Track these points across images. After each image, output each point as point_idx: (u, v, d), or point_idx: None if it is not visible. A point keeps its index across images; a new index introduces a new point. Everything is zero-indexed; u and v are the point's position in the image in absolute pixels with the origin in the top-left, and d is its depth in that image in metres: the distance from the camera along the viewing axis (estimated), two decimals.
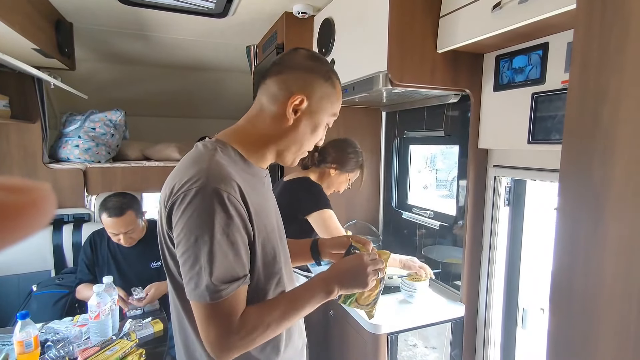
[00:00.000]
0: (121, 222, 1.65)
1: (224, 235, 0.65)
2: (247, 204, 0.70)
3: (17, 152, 2.14)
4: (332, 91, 0.80)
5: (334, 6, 1.66)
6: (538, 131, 1.13)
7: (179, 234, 0.67)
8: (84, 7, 1.80)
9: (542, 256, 1.37)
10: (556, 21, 1.01)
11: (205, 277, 0.65)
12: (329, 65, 0.82)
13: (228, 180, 0.67)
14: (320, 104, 0.78)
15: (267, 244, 0.76)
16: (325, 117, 0.80)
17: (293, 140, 0.79)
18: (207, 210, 0.64)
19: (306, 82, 0.76)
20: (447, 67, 1.34)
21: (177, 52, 2.47)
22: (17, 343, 1.25)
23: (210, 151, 0.73)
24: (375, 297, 0.91)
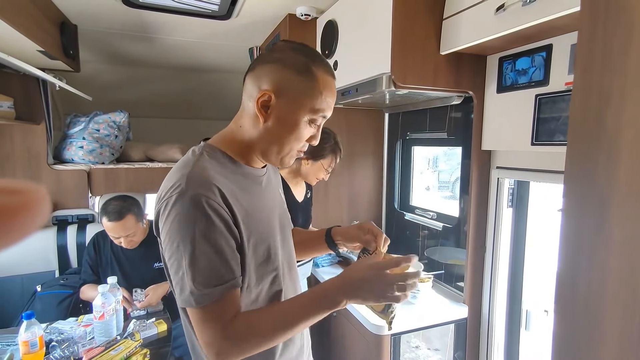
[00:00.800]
0: (121, 226, 1.66)
1: (205, 240, 0.64)
2: (231, 207, 0.68)
3: (21, 153, 2.15)
4: (311, 85, 0.71)
5: (337, 8, 1.66)
6: (541, 133, 1.13)
7: (164, 240, 0.68)
8: (88, 9, 1.81)
9: (546, 258, 1.37)
10: (560, 23, 1.01)
11: (188, 282, 0.64)
12: (313, 56, 0.73)
13: (207, 184, 0.66)
14: (294, 99, 0.71)
15: (259, 245, 0.74)
16: (304, 114, 0.72)
17: (270, 141, 0.74)
18: (186, 216, 0.64)
19: (276, 76, 0.70)
20: (450, 69, 1.35)
21: (180, 54, 2.48)
22: (22, 343, 1.26)
23: (196, 156, 0.73)
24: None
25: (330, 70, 0.75)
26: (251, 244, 0.73)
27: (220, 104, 3.09)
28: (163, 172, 2.54)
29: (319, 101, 0.72)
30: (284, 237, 0.85)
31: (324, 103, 0.73)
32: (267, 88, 0.70)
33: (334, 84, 0.76)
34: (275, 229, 0.81)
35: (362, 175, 2.16)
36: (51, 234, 2.11)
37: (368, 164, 2.18)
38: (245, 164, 0.77)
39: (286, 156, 0.76)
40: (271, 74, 0.71)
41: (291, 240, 0.90)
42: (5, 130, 2.10)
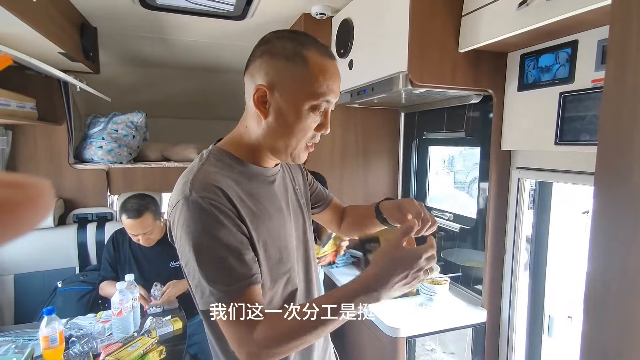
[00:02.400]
0: (139, 224, 1.69)
1: (214, 240, 0.64)
2: (237, 207, 0.67)
3: (43, 153, 2.21)
4: (303, 69, 0.67)
5: (352, 7, 1.65)
6: (566, 132, 1.09)
7: (178, 248, 0.68)
8: (108, 12, 1.85)
9: (570, 262, 1.33)
10: (586, 18, 0.97)
11: (206, 284, 0.64)
12: (302, 40, 0.69)
13: (209, 187, 0.66)
14: (289, 88, 0.68)
15: (270, 247, 0.73)
16: (303, 102, 0.68)
17: (275, 136, 0.71)
18: (193, 219, 0.64)
19: (266, 69, 0.68)
20: (468, 67, 1.32)
21: (195, 54, 2.51)
22: (42, 338, 1.29)
23: (202, 161, 0.73)
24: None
25: (325, 51, 0.70)
26: (261, 245, 0.71)
27: (235, 103, 3.10)
28: (179, 171, 2.54)
29: (316, 85, 0.68)
30: (301, 235, 0.84)
31: (323, 86, 0.68)
32: (260, 83, 0.68)
33: (332, 65, 0.70)
34: (287, 229, 0.79)
35: (377, 175, 2.14)
36: (72, 231, 2.17)
37: (383, 164, 2.15)
38: (254, 164, 0.76)
39: (295, 150, 0.73)
40: (261, 67, 0.69)
41: (311, 239, 0.88)
42: (29, 131, 2.16)
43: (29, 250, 2.04)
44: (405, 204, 0.83)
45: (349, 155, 2.04)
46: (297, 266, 0.80)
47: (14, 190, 0.17)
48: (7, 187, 0.17)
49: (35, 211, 0.18)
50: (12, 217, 0.17)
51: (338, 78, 0.71)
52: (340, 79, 0.72)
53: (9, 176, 0.18)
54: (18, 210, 0.17)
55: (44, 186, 0.19)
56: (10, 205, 0.17)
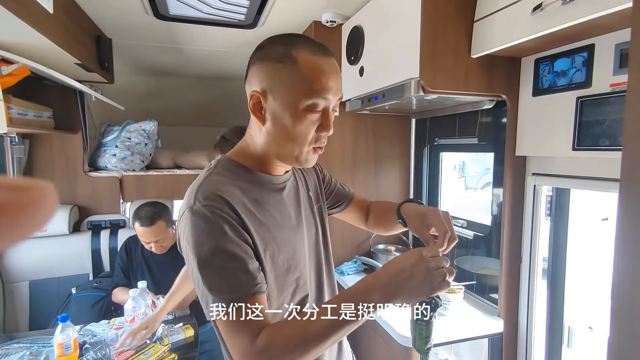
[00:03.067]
0: (152, 232, 1.70)
1: (216, 250, 0.63)
2: (240, 216, 0.67)
3: (59, 160, 2.26)
4: (293, 69, 0.66)
5: (363, 14, 1.65)
6: (584, 137, 1.07)
7: (185, 257, 0.68)
8: (123, 23, 1.89)
9: (590, 270, 1.29)
10: (602, 22, 0.96)
11: (209, 294, 0.63)
12: (292, 41, 0.68)
13: (212, 196, 0.66)
14: (281, 91, 0.67)
15: (277, 256, 0.72)
16: (297, 103, 0.66)
17: (276, 142, 0.70)
18: (195, 229, 0.64)
19: (259, 73, 0.68)
20: (481, 72, 1.30)
21: (207, 63, 2.54)
22: (57, 345, 1.30)
23: (210, 170, 0.73)
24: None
25: (318, 49, 0.68)
26: (268, 255, 0.70)
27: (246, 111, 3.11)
28: (190, 178, 2.58)
29: (308, 84, 0.66)
30: (313, 241, 0.82)
31: (316, 84, 0.66)
32: (254, 89, 0.68)
33: (326, 62, 0.68)
34: (297, 236, 0.78)
35: (388, 182, 2.13)
36: (86, 238, 2.20)
37: (394, 171, 2.14)
38: (262, 172, 0.75)
39: (302, 155, 0.71)
40: (254, 74, 0.69)
41: (325, 245, 0.87)
42: (45, 139, 2.21)
43: (44, 257, 2.08)
44: (429, 216, 0.78)
45: (360, 162, 2.04)
46: (308, 273, 0.79)
47: (17, 193, 0.17)
48: (10, 189, 0.17)
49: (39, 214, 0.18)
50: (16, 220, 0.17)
51: (334, 75, 0.69)
52: (340, 77, 0.70)
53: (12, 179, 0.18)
54: (21, 212, 0.17)
55: (47, 189, 0.19)
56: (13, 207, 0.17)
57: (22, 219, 0.17)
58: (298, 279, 0.76)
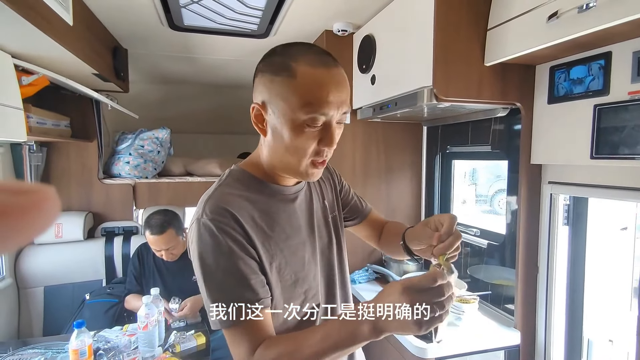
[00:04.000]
0: (162, 240, 1.72)
1: (220, 264, 0.65)
2: (246, 229, 0.68)
3: (75, 168, 2.30)
4: (291, 82, 0.63)
5: (374, 23, 1.67)
6: (603, 145, 1.05)
7: (193, 265, 0.69)
8: (138, 34, 1.94)
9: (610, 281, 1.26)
10: (620, 30, 0.95)
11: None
12: (293, 52, 0.66)
13: (219, 209, 0.67)
14: (279, 104, 0.65)
15: (284, 268, 0.72)
16: (295, 117, 0.64)
17: (278, 155, 0.70)
18: (201, 242, 0.66)
19: (260, 86, 0.67)
20: (495, 80, 1.30)
21: (219, 71, 2.58)
22: (72, 351, 1.31)
23: (220, 181, 0.75)
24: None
25: (319, 60, 0.64)
26: (274, 267, 0.71)
27: None
28: (202, 186, 2.63)
29: (306, 98, 0.63)
30: (324, 255, 0.81)
31: (313, 98, 0.63)
32: (255, 101, 0.69)
33: (327, 75, 0.64)
34: (307, 248, 0.77)
35: (399, 189, 2.11)
36: (100, 244, 2.23)
37: (406, 179, 2.12)
38: (273, 183, 0.75)
39: (301, 168, 0.69)
40: (256, 86, 0.69)
41: (338, 255, 0.85)
42: (62, 147, 2.26)
43: (59, 263, 2.11)
44: (433, 218, 0.74)
45: (371, 170, 2.03)
46: (319, 285, 0.78)
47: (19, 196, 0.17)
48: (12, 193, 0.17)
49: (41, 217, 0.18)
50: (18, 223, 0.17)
51: (336, 88, 0.64)
52: (345, 88, 0.66)
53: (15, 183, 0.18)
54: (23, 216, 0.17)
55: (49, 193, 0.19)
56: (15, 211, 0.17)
57: (24, 223, 0.17)
58: (307, 291, 0.76)
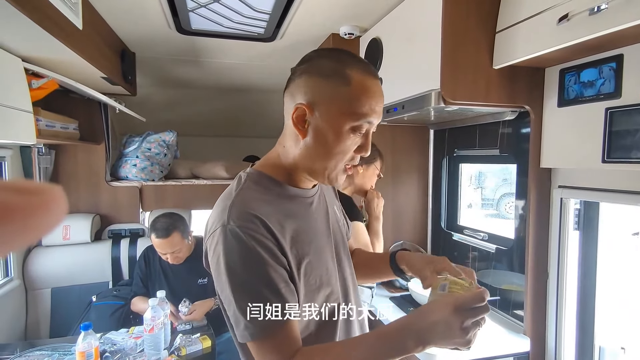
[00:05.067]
0: (167, 243, 1.72)
1: (252, 274, 0.63)
2: (276, 235, 0.65)
3: (83, 170, 2.32)
4: (345, 88, 0.65)
5: (381, 26, 1.66)
6: (615, 149, 1.03)
7: (213, 275, 0.67)
8: (146, 38, 1.95)
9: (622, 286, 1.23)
10: (631, 32, 0.93)
11: (241, 317, 0.62)
12: (345, 58, 0.67)
13: (248, 216, 0.64)
14: (329, 108, 0.66)
15: (310, 272, 0.70)
16: (343, 122, 0.66)
17: (313, 157, 0.69)
18: (230, 250, 0.63)
19: (307, 87, 0.67)
20: (503, 83, 1.28)
21: (225, 75, 2.59)
22: (79, 353, 1.31)
23: (240, 185, 0.71)
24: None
25: (369, 70, 0.68)
26: (302, 271, 0.69)
27: (263, 122, 3.17)
28: (208, 189, 2.64)
29: (358, 105, 0.65)
30: (340, 259, 0.81)
31: (365, 107, 0.66)
32: (300, 101, 0.67)
33: (376, 85, 0.68)
34: (328, 251, 0.77)
35: (406, 193, 2.10)
36: (107, 246, 2.24)
37: (412, 182, 2.11)
38: (292, 185, 0.74)
39: (333, 172, 0.70)
40: (301, 86, 0.67)
41: (348, 259, 0.85)
42: (71, 150, 2.29)
43: (66, 265, 2.12)
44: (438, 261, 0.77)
45: None
46: (338, 288, 0.78)
47: (27, 196, 0.18)
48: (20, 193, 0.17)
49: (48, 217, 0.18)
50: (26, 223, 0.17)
51: (381, 98, 0.69)
52: (384, 99, 0.70)
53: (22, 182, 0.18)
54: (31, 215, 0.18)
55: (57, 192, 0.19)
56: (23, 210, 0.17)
57: (32, 222, 0.18)
58: (329, 296, 0.74)
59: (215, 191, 2.61)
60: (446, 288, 0.70)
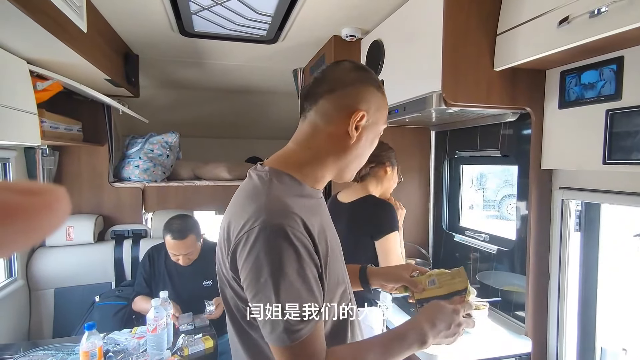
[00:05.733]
0: (183, 245, 1.74)
1: (294, 273, 0.62)
2: (312, 235, 0.66)
3: (87, 171, 2.34)
4: (383, 99, 0.78)
5: (383, 28, 1.67)
6: (615, 151, 1.04)
7: (247, 277, 0.64)
8: (149, 40, 1.97)
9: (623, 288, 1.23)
10: (632, 34, 0.94)
11: (280, 320, 0.61)
12: (374, 73, 0.80)
13: (290, 214, 0.64)
14: (376, 115, 0.76)
15: (332, 270, 0.72)
16: (381, 127, 0.79)
17: (355, 156, 0.77)
18: (274, 249, 0.61)
19: (363, 96, 0.73)
20: (504, 85, 1.29)
21: (227, 77, 2.61)
22: (82, 353, 1.32)
23: (266, 183, 0.70)
24: None
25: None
26: (328, 268, 0.71)
27: (263, 123, 3.19)
28: (210, 189, 2.65)
29: (385, 114, 0.79)
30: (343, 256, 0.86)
31: (386, 115, 0.80)
32: (362, 108, 0.73)
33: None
34: (339, 251, 0.80)
35: (407, 195, 2.11)
36: (109, 247, 2.25)
37: (414, 184, 2.12)
38: (309, 185, 0.75)
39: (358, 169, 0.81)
40: (356, 93, 0.73)
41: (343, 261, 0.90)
42: (74, 151, 2.30)
43: (70, 265, 2.14)
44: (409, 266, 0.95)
45: None
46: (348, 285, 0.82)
47: (31, 197, 0.18)
48: (24, 193, 0.18)
49: (52, 217, 0.18)
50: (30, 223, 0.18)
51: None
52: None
53: (26, 183, 0.18)
54: (35, 216, 0.18)
55: (60, 193, 0.19)
56: (27, 211, 0.17)
57: (36, 222, 0.18)
58: (343, 292, 0.77)
59: (217, 192, 2.64)
60: (436, 281, 0.87)
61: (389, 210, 1.44)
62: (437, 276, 0.87)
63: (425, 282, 0.87)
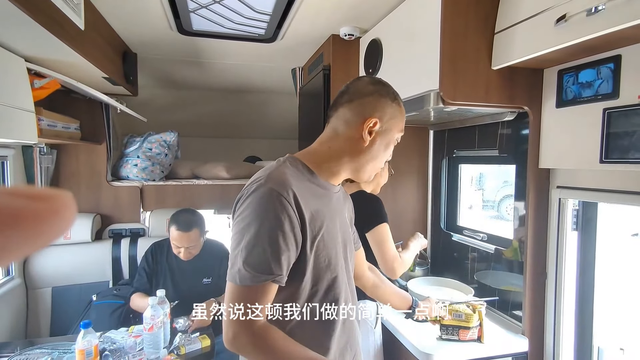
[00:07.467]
0: (187, 237, 1.75)
1: (268, 231, 0.72)
2: (301, 209, 0.76)
3: (85, 170, 2.33)
4: (399, 110, 0.88)
5: (381, 27, 1.67)
6: (612, 150, 1.04)
7: (235, 219, 0.77)
8: (148, 39, 1.97)
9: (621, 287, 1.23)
10: (629, 33, 0.94)
11: (240, 260, 0.72)
12: (392, 87, 0.89)
13: (284, 185, 0.75)
14: (389, 123, 0.86)
15: (321, 251, 0.81)
16: (395, 135, 0.88)
17: (369, 158, 0.86)
18: (260, 204, 0.73)
19: (377, 105, 0.84)
20: (502, 84, 1.29)
21: (226, 76, 2.61)
22: (78, 351, 1.31)
23: (280, 162, 0.83)
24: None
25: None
26: (315, 245, 0.79)
27: (262, 123, 3.18)
28: (208, 189, 2.65)
29: (403, 122, 0.89)
30: (346, 256, 0.91)
31: (403, 124, 0.90)
32: (376, 116, 0.83)
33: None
34: (338, 242, 0.87)
35: (405, 194, 2.11)
36: (107, 246, 2.24)
37: (412, 183, 2.12)
38: (323, 178, 0.85)
39: (375, 171, 0.90)
40: (373, 103, 0.84)
41: (352, 266, 0.96)
42: (72, 150, 2.29)
43: (67, 264, 2.13)
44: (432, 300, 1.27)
45: None
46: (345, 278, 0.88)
47: (38, 202, 0.18)
48: (30, 199, 0.18)
49: (59, 223, 0.18)
50: (37, 229, 0.17)
51: None
52: None
53: (33, 189, 0.18)
54: (42, 221, 0.18)
55: (67, 198, 0.19)
56: (34, 216, 0.17)
57: (43, 228, 0.18)
58: (334, 279, 0.85)
59: (215, 191, 2.63)
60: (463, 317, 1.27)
61: (377, 203, 1.47)
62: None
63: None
